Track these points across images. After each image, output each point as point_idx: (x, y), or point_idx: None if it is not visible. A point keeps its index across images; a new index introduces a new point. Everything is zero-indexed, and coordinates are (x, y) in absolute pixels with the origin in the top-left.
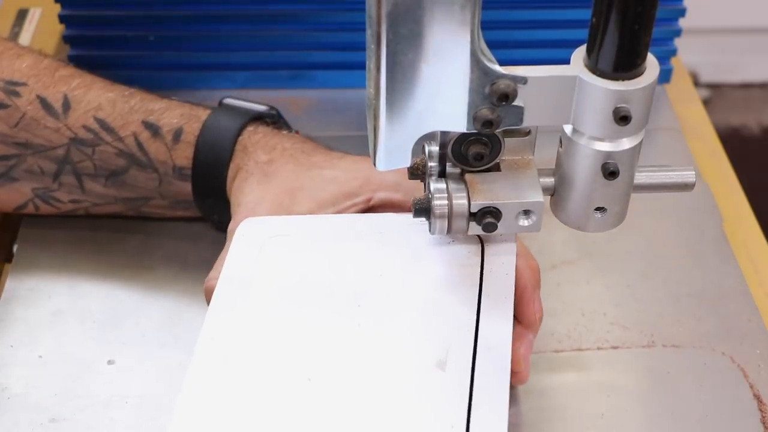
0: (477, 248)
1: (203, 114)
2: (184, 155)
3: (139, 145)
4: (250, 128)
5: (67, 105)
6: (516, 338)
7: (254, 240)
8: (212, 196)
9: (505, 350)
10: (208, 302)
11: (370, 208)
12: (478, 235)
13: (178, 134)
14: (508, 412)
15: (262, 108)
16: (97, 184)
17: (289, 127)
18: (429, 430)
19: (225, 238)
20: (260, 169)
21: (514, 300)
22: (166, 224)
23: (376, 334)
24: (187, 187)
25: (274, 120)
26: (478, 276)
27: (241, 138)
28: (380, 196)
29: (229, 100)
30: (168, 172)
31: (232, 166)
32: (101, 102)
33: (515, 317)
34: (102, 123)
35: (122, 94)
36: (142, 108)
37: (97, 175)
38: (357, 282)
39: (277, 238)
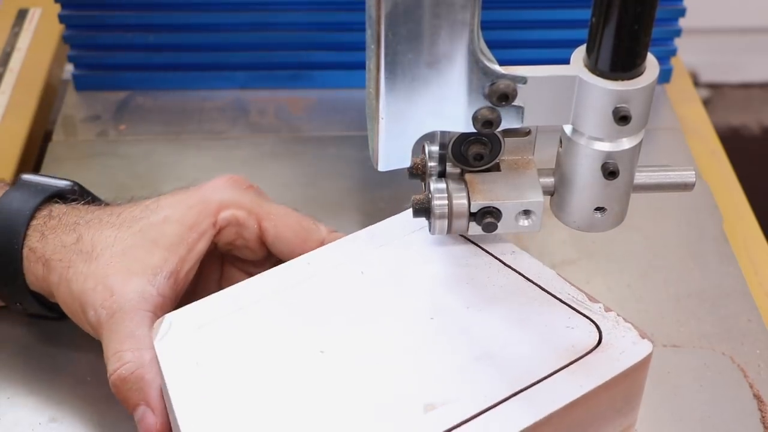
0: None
1: None
2: None
3: None
4: (44, 211)
5: None
6: None
7: (181, 341)
8: (8, 284)
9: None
10: (118, 396)
11: (218, 232)
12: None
13: None
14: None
15: (62, 183)
16: None
17: (96, 200)
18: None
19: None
20: (75, 252)
21: None
22: None
23: (340, 379)
24: None
25: (74, 196)
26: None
27: (34, 223)
28: (225, 215)
29: (26, 177)
30: None
31: (33, 256)
32: None
33: None
34: None
35: None
36: None
37: None
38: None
39: (205, 327)
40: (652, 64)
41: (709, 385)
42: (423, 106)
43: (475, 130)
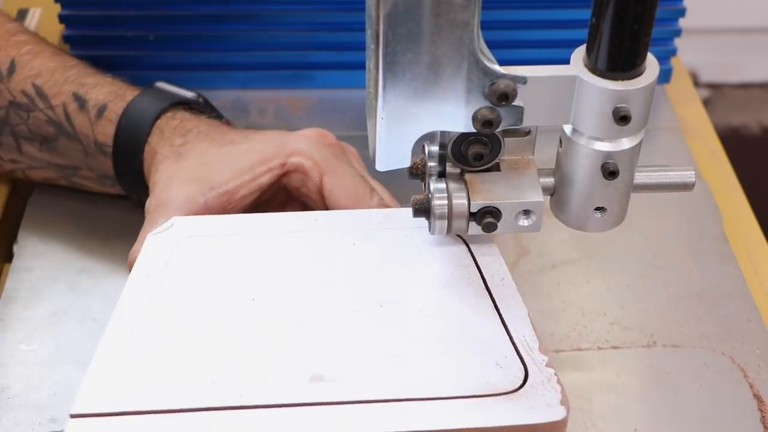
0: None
1: (130, 95)
2: (104, 132)
3: (67, 115)
4: (169, 113)
5: (12, 69)
6: None
7: (167, 241)
8: (130, 174)
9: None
10: None
11: (285, 173)
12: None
13: (101, 110)
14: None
15: (189, 94)
16: (32, 147)
17: (219, 115)
18: None
19: None
20: (174, 151)
21: None
22: None
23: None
24: (108, 163)
25: (199, 107)
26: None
27: (158, 122)
28: (294, 161)
29: (160, 84)
30: (90, 145)
31: (148, 149)
32: (41, 70)
33: None
34: (38, 90)
35: (64, 64)
36: (77, 80)
37: (32, 139)
38: (267, 279)
39: (194, 238)
40: (652, 64)
41: (709, 385)
42: (422, 106)
43: (475, 130)
